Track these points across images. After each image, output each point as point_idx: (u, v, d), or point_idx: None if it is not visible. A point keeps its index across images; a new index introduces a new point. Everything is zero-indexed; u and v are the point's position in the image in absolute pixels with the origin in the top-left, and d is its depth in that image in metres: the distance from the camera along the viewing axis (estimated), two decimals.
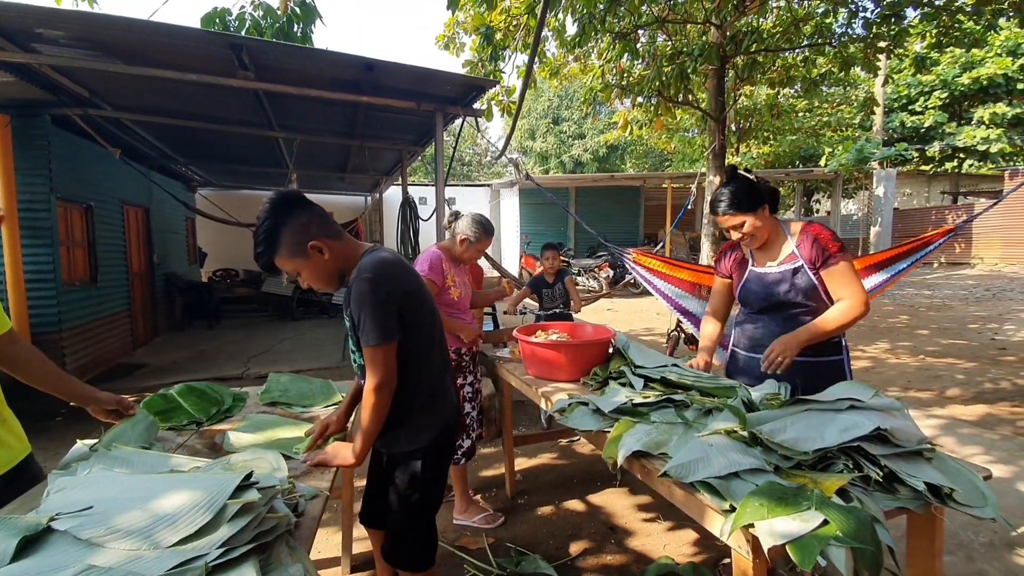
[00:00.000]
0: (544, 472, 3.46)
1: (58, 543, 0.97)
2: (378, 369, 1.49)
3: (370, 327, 1.46)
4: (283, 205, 1.50)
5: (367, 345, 1.48)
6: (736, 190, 2.00)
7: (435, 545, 1.77)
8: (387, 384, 1.51)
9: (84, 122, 5.14)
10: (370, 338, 1.47)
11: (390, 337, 1.49)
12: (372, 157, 7.30)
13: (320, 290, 1.62)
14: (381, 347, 1.48)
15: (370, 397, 1.50)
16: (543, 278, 4.30)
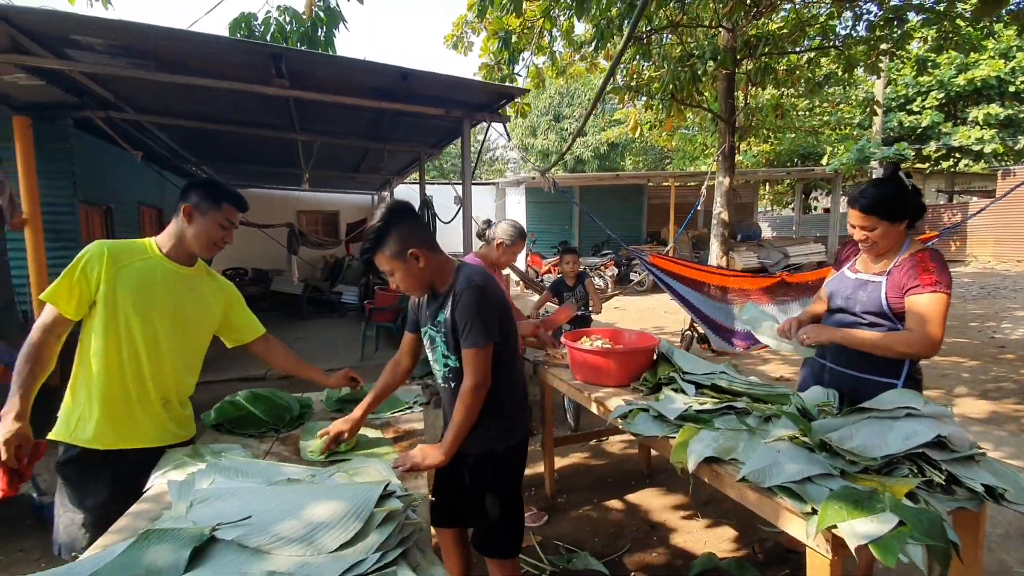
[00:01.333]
0: (579, 472, 3.57)
1: (224, 552, 1.06)
2: (479, 370, 1.63)
3: (478, 330, 1.61)
4: (397, 212, 1.66)
5: (473, 347, 1.62)
6: (883, 194, 1.89)
7: (521, 535, 1.90)
8: (485, 384, 1.66)
9: (108, 125, 5.17)
10: (477, 340, 1.62)
11: (493, 339, 1.65)
12: (388, 158, 7.36)
13: (406, 292, 1.78)
14: (484, 349, 1.63)
15: (468, 396, 1.63)
16: (563, 281, 4.40)
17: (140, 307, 1.69)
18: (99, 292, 1.64)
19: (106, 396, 1.65)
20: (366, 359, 6.48)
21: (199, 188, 1.79)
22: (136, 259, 1.71)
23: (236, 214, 1.84)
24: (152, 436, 1.71)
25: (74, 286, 1.62)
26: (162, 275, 1.74)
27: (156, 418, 1.73)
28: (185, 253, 1.79)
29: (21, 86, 4.21)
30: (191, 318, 1.83)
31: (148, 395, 1.72)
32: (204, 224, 1.76)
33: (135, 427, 1.68)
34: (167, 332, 1.75)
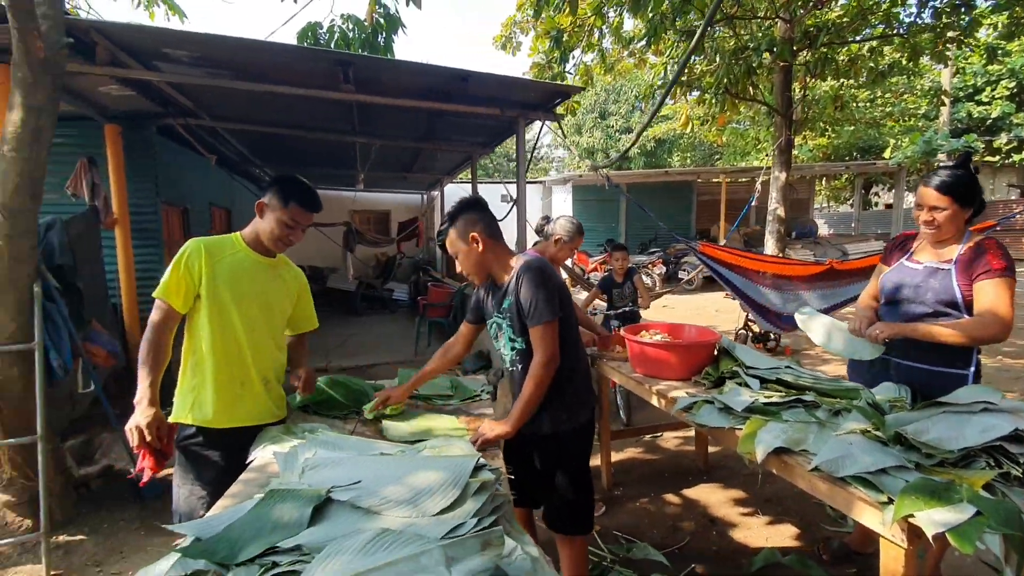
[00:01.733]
0: (634, 465, 3.60)
1: (340, 511, 1.18)
2: (548, 345, 1.75)
3: (542, 306, 1.75)
4: (467, 203, 1.93)
5: (539, 323, 1.75)
6: (962, 177, 1.91)
7: (592, 512, 2.01)
8: (555, 359, 1.77)
9: (186, 131, 5.55)
10: (543, 315, 1.75)
11: (556, 314, 1.77)
12: (440, 158, 7.55)
13: (467, 275, 1.98)
14: (551, 324, 1.75)
15: (539, 371, 1.75)
16: (612, 278, 4.43)
17: (236, 296, 1.86)
18: (202, 285, 1.81)
19: (217, 379, 1.83)
20: (419, 353, 6.69)
21: (275, 185, 1.92)
22: (227, 253, 1.88)
23: (303, 214, 1.91)
24: (256, 414, 1.89)
25: (180, 281, 1.79)
26: (250, 266, 1.91)
27: (258, 397, 1.90)
28: (264, 245, 1.94)
29: (114, 96, 4.59)
30: (278, 303, 2.00)
31: (251, 377, 1.90)
32: (271, 221, 1.88)
33: (243, 407, 1.85)
34: (260, 317, 1.93)
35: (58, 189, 4.83)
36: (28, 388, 2.84)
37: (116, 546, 2.82)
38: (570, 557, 1.97)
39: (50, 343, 2.92)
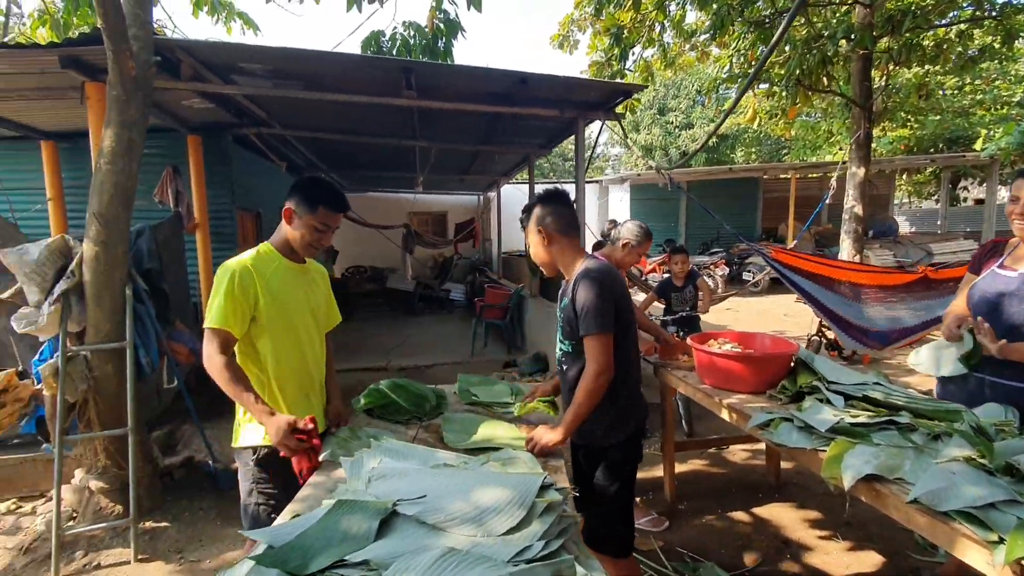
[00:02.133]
0: (699, 479, 3.46)
1: (405, 525, 1.17)
2: (600, 357, 1.71)
3: (593, 318, 1.71)
4: (547, 195, 1.93)
5: (588, 334, 1.72)
6: None
7: (632, 535, 1.90)
8: (607, 372, 1.72)
9: (259, 140, 5.85)
10: (590, 327, 1.71)
11: (609, 329, 1.72)
12: (498, 160, 7.58)
13: (538, 265, 2.00)
14: (603, 336, 1.71)
15: (590, 382, 1.71)
16: (671, 282, 4.27)
17: (290, 309, 1.86)
18: (258, 306, 1.77)
19: (287, 395, 1.84)
20: (475, 355, 6.73)
21: (299, 191, 1.83)
22: (270, 268, 1.83)
23: (332, 216, 1.85)
24: (321, 420, 1.92)
25: (237, 307, 1.72)
26: (290, 275, 1.89)
27: (319, 402, 1.95)
28: (295, 251, 1.90)
29: (196, 109, 4.90)
30: (319, 306, 2.01)
31: (314, 386, 1.94)
32: (300, 227, 1.82)
33: (310, 413, 1.88)
34: (311, 324, 1.95)
35: (147, 196, 5.20)
36: (120, 384, 3.06)
37: (195, 534, 2.99)
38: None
39: (139, 342, 3.14)
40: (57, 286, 2.93)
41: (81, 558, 2.78)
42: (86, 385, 3.01)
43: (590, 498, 1.88)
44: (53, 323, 2.92)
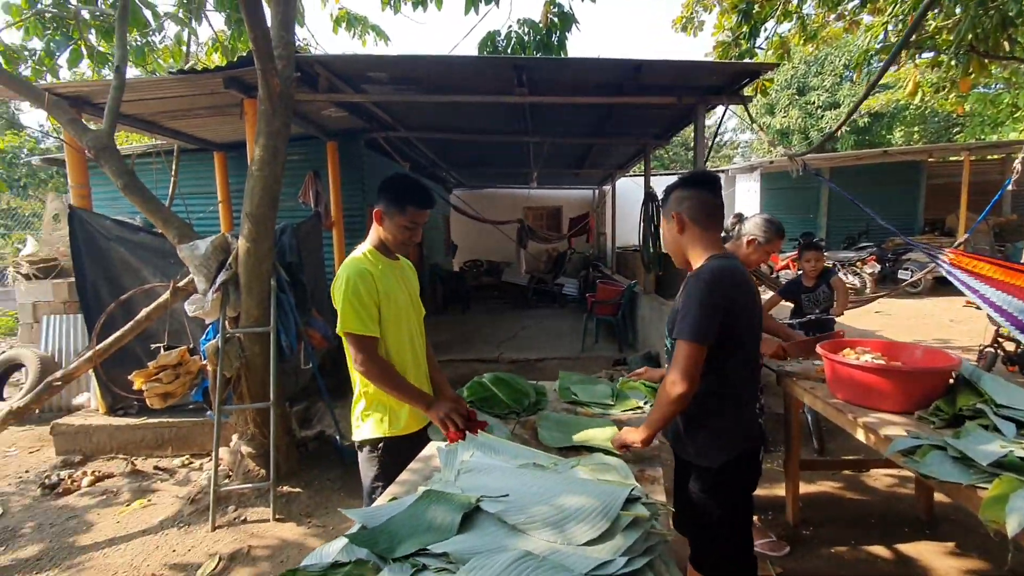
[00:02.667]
0: (830, 503, 3.08)
1: (486, 522, 1.18)
2: (682, 366, 1.53)
3: (689, 323, 1.54)
4: (693, 178, 1.75)
5: (679, 337, 1.56)
6: None
7: (748, 562, 1.73)
8: (685, 385, 1.53)
9: (386, 143, 6.29)
10: (683, 332, 1.54)
11: (702, 340, 1.53)
12: (612, 152, 7.40)
13: (667, 252, 1.83)
14: (691, 344, 1.53)
15: (667, 388, 1.56)
16: (800, 282, 3.84)
17: (398, 306, 1.97)
18: (380, 308, 1.89)
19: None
20: (586, 351, 6.65)
21: (386, 191, 1.89)
22: (377, 269, 1.91)
23: (421, 213, 1.90)
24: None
25: (370, 311, 1.85)
26: (392, 273, 1.98)
27: (428, 391, 2.04)
28: (389, 250, 1.98)
29: (332, 117, 5.40)
30: (415, 300, 2.11)
31: (423, 376, 2.05)
32: (391, 227, 1.90)
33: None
34: (412, 316, 2.05)
35: (292, 198, 5.86)
36: (265, 363, 3.48)
37: (323, 501, 3.32)
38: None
39: (281, 327, 3.54)
40: (219, 277, 3.41)
41: (232, 512, 3.22)
42: (239, 363, 3.47)
43: (693, 515, 1.74)
44: (215, 309, 3.40)
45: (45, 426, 4.37)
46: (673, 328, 1.64)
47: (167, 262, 4.01)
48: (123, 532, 3.06)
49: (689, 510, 1.74)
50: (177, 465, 3.90)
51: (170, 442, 4.08)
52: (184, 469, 3.85)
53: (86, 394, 4.68)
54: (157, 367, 3.56)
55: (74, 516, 3.25)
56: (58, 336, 5.24)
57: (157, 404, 3.57)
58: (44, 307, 5.38)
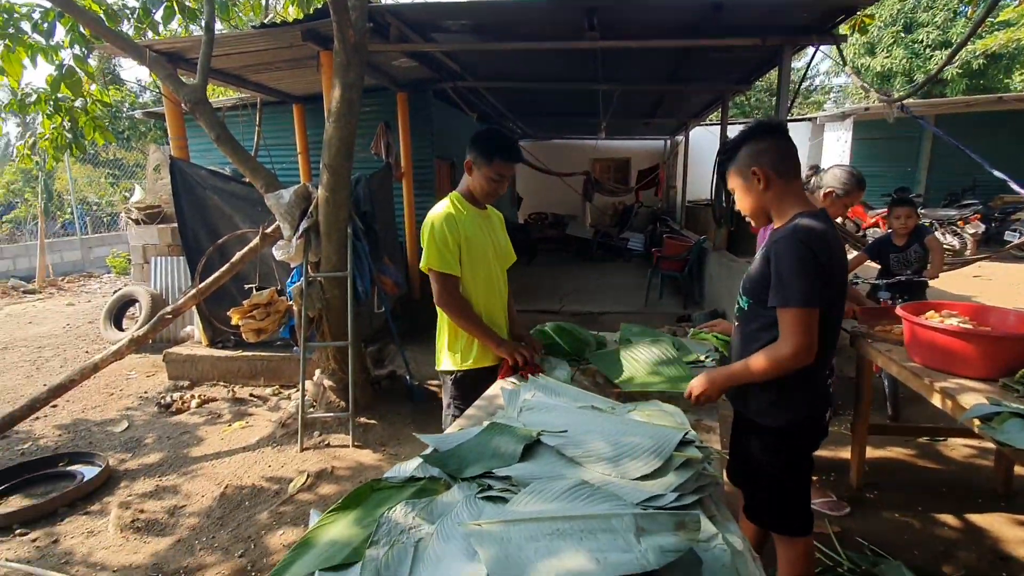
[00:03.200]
0: (898, 469, 3.00)
1: (546, 454, 1.28)
2: (801, 335, 1.44)
3: (797, 287, 1.43)
4: (757, 128, 1.59)
5: (787, 306, 1.45)
6: None
7: (806, 517, 1.73)
8: (806, 354, 1.45)
9: (455, 93, 6.30)
10: (789, 299, 1.44)
11: (814, 303, 1.44)
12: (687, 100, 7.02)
13: (745, 215, 1.68)
14: (805, 311, 1.44)
15: (779, 361, 1.47)
16: (889, 240, 3.58)
17: (480, 251, 2.11)
18: (462, 249, 2.05)
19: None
20: (649, 306, 6.60)
21: (476, 143, 2.00)
22: (463, 215, 2.07)
23: (507, 167, 2.00)
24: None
25: (452, 250, 2.01)
26: (478, 221, 2.12)
27: (505, 332, 2.19)
28: (477, 199, 2.11)
29: (403, 68, 5.46)
30: (501, 249, 2.24)
31: (500, 320, 2.19)
32: (478, 177, 2.02)
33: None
34: (493, 263, 2.18)
35: (365, 149, 6.05)
36: (343, 306, 3.75)
37: (395, 433, 3.62)
38: (784, 559, 1.74)
39: (356, 272, 3.77)
40: (301, 224, 3.66)
41: (317, 437, 3.58)
42: (321, 304, 3.76)
43: (747, 471, 1.77)
44: (299, 254, 3.67)
45: (158, 355, 4.97)
46: (759, 288, 1.56)
47: (256, 210, 4.33)
48: (226, 447, 3.50)
49: (746, 465, 1.76)
50: (269, 394, 4.35)
51: (262, 373, 4.53)
52: (275, 397, 4.28)
53: (191, 327, 5.24)
54: (251, 305, 3.93)
55: (186, 432, 3.74)
56: (165, 275, 5.84)
57: (251, 338, 3.96)
58: (152, 249, 5.98)
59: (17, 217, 12.41)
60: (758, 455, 1.71)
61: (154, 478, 3.15)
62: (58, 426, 3.88)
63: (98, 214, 13.24)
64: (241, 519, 2.74)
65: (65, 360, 5.41)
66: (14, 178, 14.41)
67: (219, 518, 2.76)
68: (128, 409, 4.16)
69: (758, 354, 1.54)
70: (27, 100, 4.00)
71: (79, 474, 3.13)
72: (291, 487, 3.00)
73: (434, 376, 4.49)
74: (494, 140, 2.02)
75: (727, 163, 1.64)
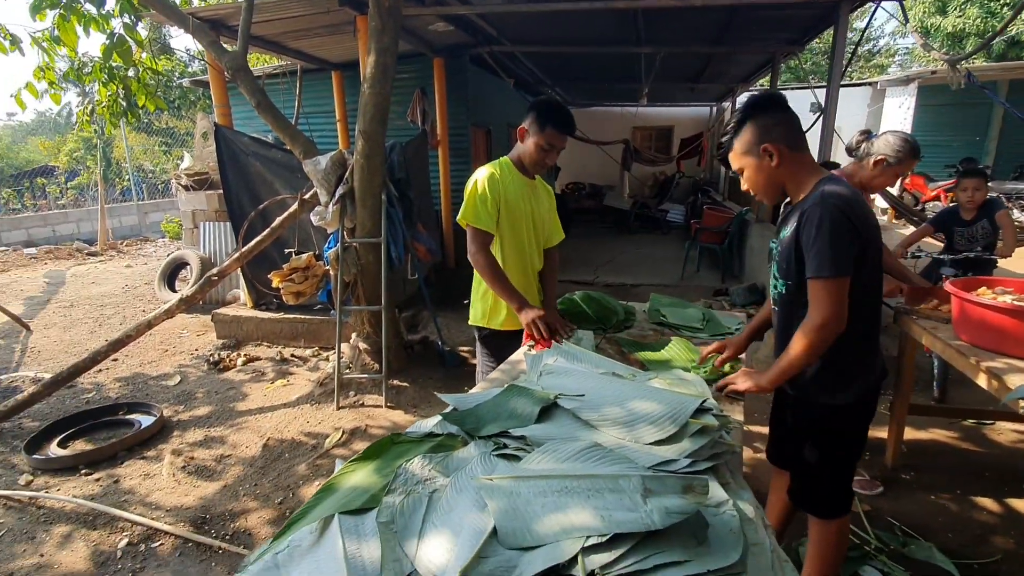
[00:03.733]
0: (938, 451, 2.89)
1: (562, 416, 1.30)
2: (829, 306, 1.39)
3: (827, 257, 1.37)
4: (757, 104, 1.52)
5: (818, 277, 1.40)
6: None
7: (848, 497, 1.69)
8: (836, 323, 1.40)
9: (491, 58, 6.19)
10: (822, 270, 1.38)
11: (845, 272, 1.38)
12: (734, 63, 6.69)
13: (754, 194, 1.61)
14: (835, 281, 1.39)
15: (812, 334, 1.42)
16: (956, 212, 3.36)
17: (519, 216, 2.12)
18: (500, 211, 2.07)
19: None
20: (685, 279, 6.47)
21: (532, 111, 1.99)
22: (508, 178, 2.08)
23: (558, 137, 1.98)
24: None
25: (490, 209, 2.02)
26: (522, 187, 2.12)
27: (534, 303, 2.18)
28: (526, 167, 2.11)
29: (439, 32, 5.39)
30: (541, 220, 2.23)
31: (532, 286, 2.22)
32: (529, 145, 2.02)
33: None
34: (531, 234, 2.18)
35: (401, 117, 6.06)
36: (378, 271, 3.83)
37: (426, 395, 3.73)
38: (816, 541, 1.70)
39: (390, 239, 3.84)
40: (337, 190, 3.73)
41: (352, 396, 3.73)
42: (356, 269, 3.85)
43: (798, 451, 1.68)
44: (335, 219, 3.76)
45: (207, 315, 5.24)
46: (795, 268, 1.50)
47: (295, 176, 4.43)
48: (269, 403, 3.69)
49: (795, 445, 1.69)
50: (309, 355, 4.53)
51: (302, 335, 4.72)
52: (314, 358, 4.46)
53: (237, 290, 5.48)
54: (290, 269, 4.07)
55: (232, 388, 3.96)
56: (213, 240, 6.10)
57: (291, 301, 4.11)
58: (200, 215, 6.24)
59: (80, 184, 13.13)
60: (811, 435, 1.64)
61: (203, 428, 3.36)
62: (118, 378, 4.17)
63: (153, 181, 13.86)
64: (281, 469, 2.91)
65: (124, 318, 5.76)
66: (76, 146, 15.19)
67: (261, 468, 2.93)
68: (181, 365, 4.42)
69: (793, 340, 1.48)
70: (83, 69, 4.18)
71: (136, 422, 3.38)
72: (327, 442, 3.15)
73: (466, 342, 4.58)
74: (550, 109, 2.01)
75: (729, 144, 1.56)
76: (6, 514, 2.56)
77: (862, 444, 1.67)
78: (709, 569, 0.84)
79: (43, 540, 2.38)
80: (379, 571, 0.86)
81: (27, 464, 2.96)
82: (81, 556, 2.29)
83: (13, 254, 8.96)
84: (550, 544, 0.86)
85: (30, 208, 11.92)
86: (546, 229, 2.28)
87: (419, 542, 0.92)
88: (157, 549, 2.33)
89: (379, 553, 0.89)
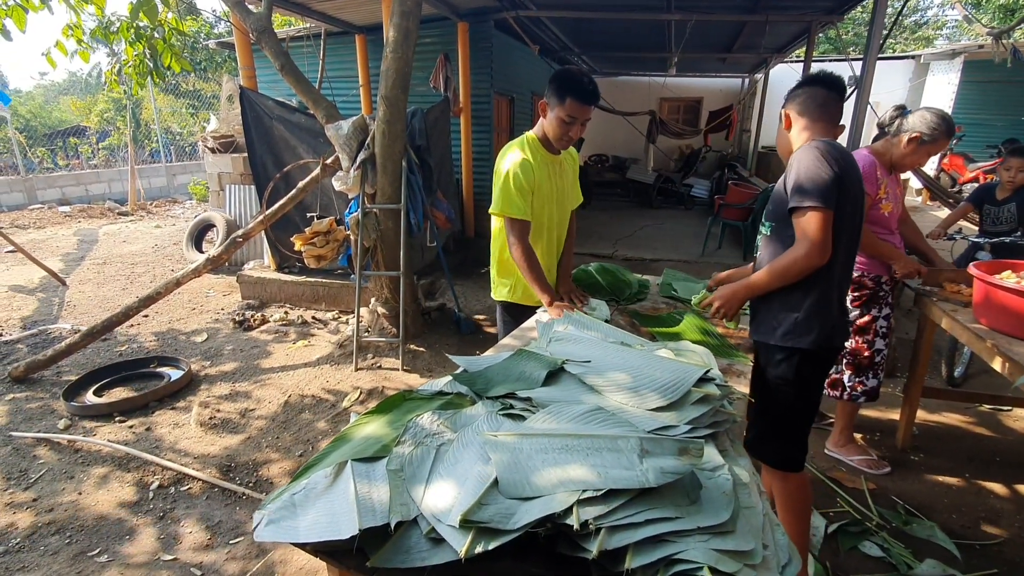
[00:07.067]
0: (948, 434, 2.88)
1: (568, 381, 1.34)
2: (817, 232, 1.47)
3: (812, 188, 1.47)
4: (812, 78, 1.65)
5: (803, 205, 1.48)
6: None
7: (802, 453, 1.74)
8: (820, 252, 1.48)
9: (516, 23, 6.06)
10: (807, 197, 1.47)
11: (828, 203, 1.47)
12: (770, 31, 6.43)
13: (780, 154, 1.77)
14: (819, 211, 1.47)
15: (797, 256, 1.50)
16: (992, 190, 3.27)
17: (546, 197, 2.08)
18: (533, 194, 2.01)
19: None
20: (706, 255, 6.40)
21: (553, 82, 1.89)
22: (536, 157, 2.01)
23: (581, 108, 1.86)
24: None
25: (524, 198, 1.95)
26: (548, 167, 2.06)
27: (551, 280, 2.20)
28: (550, 143, 2.02)
29: None
30: (566, 197, 2.21)
31: (553, 263, 2.22)
32: (552, 119, 1.92)
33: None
34: (555, 213, 2.16)
35: (424, 83, 6.01)
36: (397, 237, 3.88)
37: (441, 361, 3.81)
38: (779, 494, 1.75)
39: (410, 205, 3.87)
40: (358, 156, 3.76)
41: (370, 359, 3.84)
42: (376, 235, 3.91)
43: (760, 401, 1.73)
44: (356, 185, 3.80)
45: (232, 276, 5.38)
46: (780, 208, 1.59)
47: (318, 141, 4.47)
48: (291, 362, 3.82)
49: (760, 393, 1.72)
50: (329, 318, 4.65)
51: (323, 298, 4.83)
52: (335, 321, 4.58)
53: (260, 260, 5.60)
54: (312, 233, 4.15)
55: (256, 346, 4.10)
56: (238, 202, 6.21)
57: (312, 264, 4.20)
58: (226, 177, 6.34)
59: (111, 144, 13.39)
60: (775, 379, 1.68)
61: (229, 383, 3.51)
62: (150, 333, 4.35)
63: (180, 143, 14.05)
64: (302, 424, 3.03)
65: (154, 276, 5.96)
66: (107, 107, 15.42)
67: (283, 422, 3.07)
68: (208, 323, 4.58)
69: (778, 259, 1.57)
70: (111, 28, 4.22)
71: (167, 375, 3.54)
72: (345, 401, 3.27)
73: (481, 310, 4.64)
74: (571, 78, 1.89)
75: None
76: (48, 455, 2.74)
77: (817, 403, 1.72)
78: (699, 526, 0.88)
79: (82, 479, 2.55)
80: (387, 512, 0.92)
81: (65, 410, 3.15)
82: (116, 495, 2.45)
83: (49, 211, 9.26)
84: (548, 496, 0.91)
85: (63, 168, 12.22)
86: (570, 200, 2.26)
87: (425, 488, 0.98)
88: (187, 492, 2.48)
89: (388, 496, 0.95)
